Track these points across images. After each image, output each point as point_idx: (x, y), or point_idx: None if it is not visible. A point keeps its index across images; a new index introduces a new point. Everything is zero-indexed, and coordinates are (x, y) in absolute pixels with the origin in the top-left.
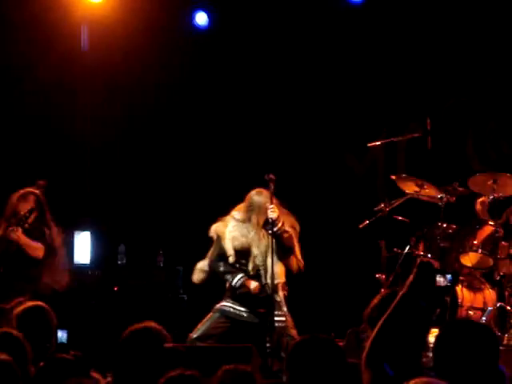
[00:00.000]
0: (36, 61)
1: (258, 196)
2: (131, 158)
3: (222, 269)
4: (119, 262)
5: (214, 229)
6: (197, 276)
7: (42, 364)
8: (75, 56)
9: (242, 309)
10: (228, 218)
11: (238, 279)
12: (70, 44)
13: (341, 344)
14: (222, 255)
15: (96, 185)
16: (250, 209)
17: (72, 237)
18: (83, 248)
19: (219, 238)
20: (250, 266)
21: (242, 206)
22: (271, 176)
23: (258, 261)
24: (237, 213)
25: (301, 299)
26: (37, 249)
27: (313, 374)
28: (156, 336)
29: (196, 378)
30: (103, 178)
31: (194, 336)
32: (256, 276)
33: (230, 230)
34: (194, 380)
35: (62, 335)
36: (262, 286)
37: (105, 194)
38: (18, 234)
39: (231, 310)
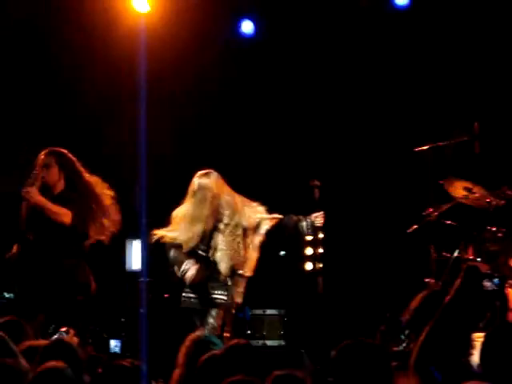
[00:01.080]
0: (89, 71)
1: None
2: (182, 167)
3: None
4: (170, 269)
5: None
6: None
7: (99, 370)
8: (125, 67)
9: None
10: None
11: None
12: (120, 54)
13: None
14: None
15: (147, 192)
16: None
17: (123, 245)
18: (135, 256)
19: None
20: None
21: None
22: (316, 182)
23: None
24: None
25: (350, 303)
26: (60, 214)
27: (358, 378)
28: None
29: None
30: (154, 184)
31: None
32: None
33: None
34: None
35: (115, 345)
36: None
37: (157, 202)
38: (32, 194)
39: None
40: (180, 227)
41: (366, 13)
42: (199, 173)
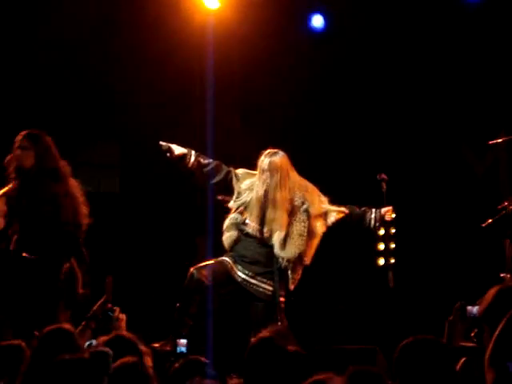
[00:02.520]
0: (156, 70)
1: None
2: (251, 166)
3: None
4: None
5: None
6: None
7: (177, 365)
8: (195, 63)
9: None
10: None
11: None
12: (190, 51)
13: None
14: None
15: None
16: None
17: (194, 242)
18: (204, 254)
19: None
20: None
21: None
22: (383, 176)
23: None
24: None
25: (423, 299)
26: None
27: (421, 376)
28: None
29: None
30: None
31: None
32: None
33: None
34: None
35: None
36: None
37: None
38: None
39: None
40: (255, 211)
41: (435, 6)
42: (268, 151)
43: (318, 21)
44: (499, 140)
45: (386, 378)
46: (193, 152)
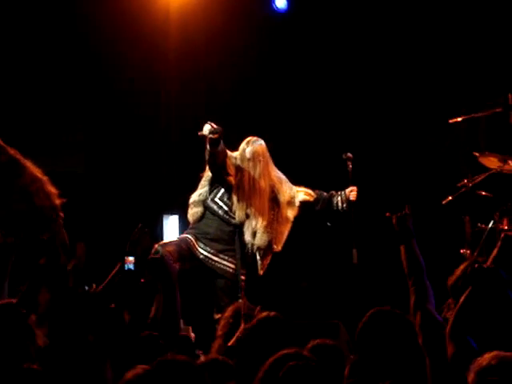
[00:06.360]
0: (121, 48)
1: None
2: None
3: None
4: None
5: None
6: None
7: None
8: (160, 42)
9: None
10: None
11: None
12: (154, 31)
13: None
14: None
15: (183, 168)
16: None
17: (161, 220)
18: (172, 232)
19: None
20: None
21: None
22: (349, 155)
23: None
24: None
25: (387, 275)
26: None
27: (384, 349)
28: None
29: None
30: (190, 161)
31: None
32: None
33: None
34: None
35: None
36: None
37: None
38: None
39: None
40: (235, 195)
41: None
42: (249, 138)
43: (280, 1)
44: (459, 119)
45: (347, 352)
46: None
